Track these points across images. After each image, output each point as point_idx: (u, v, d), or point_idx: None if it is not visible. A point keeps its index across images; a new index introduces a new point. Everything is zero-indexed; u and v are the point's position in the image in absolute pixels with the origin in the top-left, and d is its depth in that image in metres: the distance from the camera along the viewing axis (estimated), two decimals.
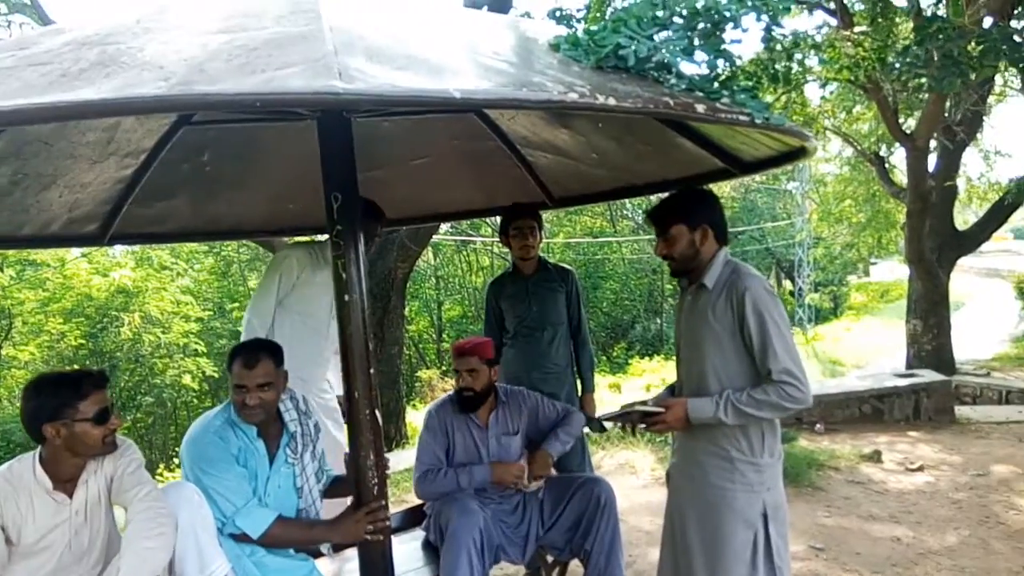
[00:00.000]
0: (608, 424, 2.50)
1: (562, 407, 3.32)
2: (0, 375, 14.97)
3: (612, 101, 1.52)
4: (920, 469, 5.54)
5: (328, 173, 2.51)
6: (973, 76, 6.41)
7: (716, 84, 1.89)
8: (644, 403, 2.48)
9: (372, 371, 2.55)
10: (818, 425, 6.74)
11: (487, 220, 21.55)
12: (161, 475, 11.80)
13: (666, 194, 2.60)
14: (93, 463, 2.26)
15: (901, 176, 11.66)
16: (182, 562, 2.24)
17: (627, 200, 25.67)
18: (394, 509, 3.36)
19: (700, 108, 1.69)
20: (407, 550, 3.22)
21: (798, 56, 8.20)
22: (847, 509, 4.79)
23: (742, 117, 1.77)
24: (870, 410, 7.10)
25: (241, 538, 2.39)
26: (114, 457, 2.29)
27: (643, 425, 2.42)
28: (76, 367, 13.24)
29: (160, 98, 1.21)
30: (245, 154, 3.50)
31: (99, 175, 3.13)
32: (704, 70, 1.91)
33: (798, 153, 2.66)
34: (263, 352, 2.48)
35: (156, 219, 3.67)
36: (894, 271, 35.86)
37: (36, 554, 2.18)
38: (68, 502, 2.21)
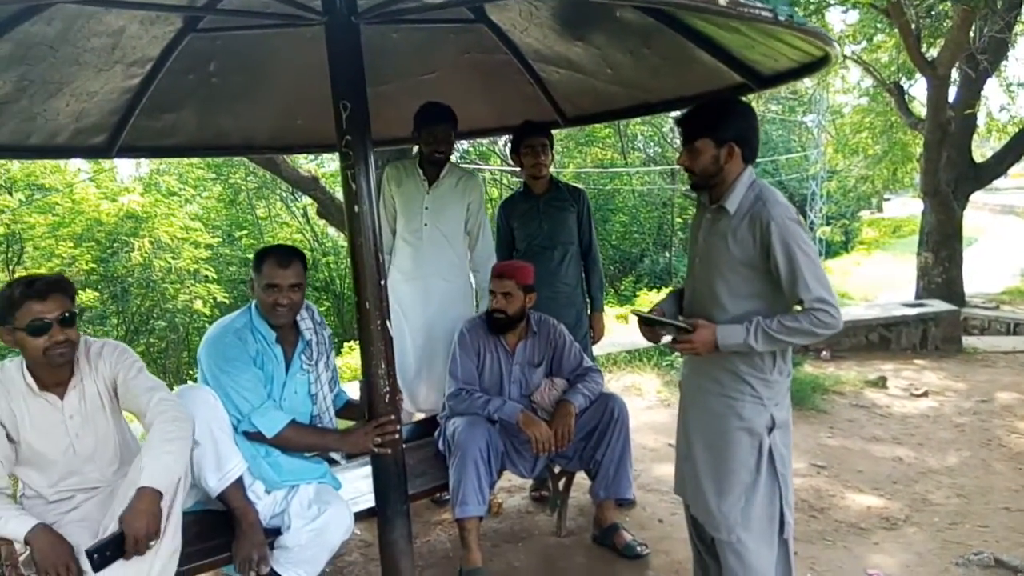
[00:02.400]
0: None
1: (584, 359, 3.30)
2: None
3: None
4: (925, 395, 5.59)
5: (336, 81, 2.46)
6: None
7: None
8: (676, 317, 2.43)
9: (383, 282, 2.55)
10: (824, 352, 6.78)
11: (495, 150, 21.30)
12: None
13: (677, 112, 2.52)
14: (83, 367, 2.25)
15: (920, 107, 11.37)
16: (200, 461, 2.30)
17: (639, 133, 25.30)
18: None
19: (722, 1, 1.63)
20: (419, 456, 3.30)
21: None
22: (850, 431, 4.86)
23: (765, 13, 1.72)
24: (877, 338, 7.12)
25: (254, 436, 2.45)
26: (111, 362, 2.28)
27: (669, 338, 2.38)
28: (87, 289, 13.42)
29: None
30: (252, 66, 3.43)
31: (105, 84, 3.09)
32: None
33: (819, 63, 2.58)
34: (294, 254, 2.51)
35: (163, 132, 3.63)
36: (907, 206, 35.44)
37: (42, 455, 2.21)
38: (60, 404, 2.22)
